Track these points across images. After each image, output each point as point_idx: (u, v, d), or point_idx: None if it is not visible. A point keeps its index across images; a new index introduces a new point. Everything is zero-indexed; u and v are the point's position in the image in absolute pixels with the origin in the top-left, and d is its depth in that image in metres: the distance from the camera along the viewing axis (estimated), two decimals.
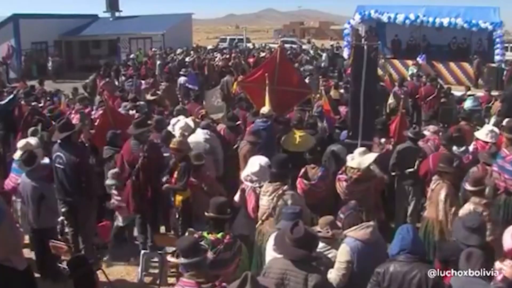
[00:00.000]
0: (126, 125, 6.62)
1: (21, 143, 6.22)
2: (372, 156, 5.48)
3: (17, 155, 6.07)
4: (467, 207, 4.72)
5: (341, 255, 3.86)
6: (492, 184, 5.49)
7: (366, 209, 5.29)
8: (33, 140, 6.33)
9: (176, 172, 5.84)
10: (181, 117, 7.75)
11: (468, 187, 4.82)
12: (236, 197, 5.30)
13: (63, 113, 9.26)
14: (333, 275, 3.86)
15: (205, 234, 3.96)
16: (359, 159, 5.43)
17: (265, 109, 7.24)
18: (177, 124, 7.26)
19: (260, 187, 5.01)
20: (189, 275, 3.29)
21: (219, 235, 3.91)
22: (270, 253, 3.86)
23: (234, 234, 4.12)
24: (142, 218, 6.04)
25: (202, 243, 3.83)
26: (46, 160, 6.04)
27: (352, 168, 5.41)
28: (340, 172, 5.57)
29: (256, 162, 5.22)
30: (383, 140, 6.94)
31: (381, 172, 5.94)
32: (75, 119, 8.26)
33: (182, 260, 3.35)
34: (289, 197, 4.74)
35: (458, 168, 5.67)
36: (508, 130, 5.94)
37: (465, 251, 3.44)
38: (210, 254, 3.77)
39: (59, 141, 5.76)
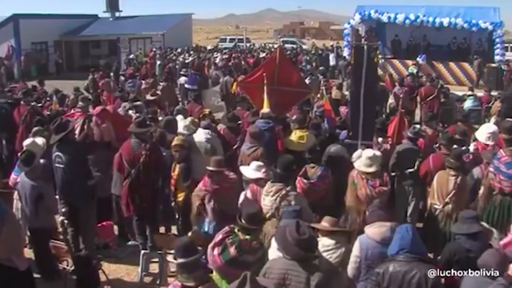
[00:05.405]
0: (123, 126, 6.60)
1: (27, 141, 6.19)
2: (377, 155, 5.48)
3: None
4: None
5: (354, 249, 4.01)
6: (488, 185, 5.50)
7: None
8: (40, 140, 6.29)
9: (175, 173, 5.84)
10: (180, 117, 7.73)
11: None
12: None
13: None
14: (348, 267, 4.01)
15: (236, 230, 3.96)
16: (367, 162, 5.35)
17: (265, 111, 7.23)
18: (178, 124, 7.24)
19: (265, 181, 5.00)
20: (181, 277, 3.22)
21: (247, 237, 3.91)
22: (274, 253, 3.85)
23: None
24: (140, 219, 6.03)
25: (230, 238, 3.86)
26: (41, 160, 5.99)
27: (367, 173, 5.30)
28: (366, 180, 5.33)
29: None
30: (380, 139, 6.94)
31: None
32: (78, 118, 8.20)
33: (177, 260, 3.33)
34: (292, 198, 4.74)
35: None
36: (505, 131, 5.92)
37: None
38: (233, 251, 3.80)
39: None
